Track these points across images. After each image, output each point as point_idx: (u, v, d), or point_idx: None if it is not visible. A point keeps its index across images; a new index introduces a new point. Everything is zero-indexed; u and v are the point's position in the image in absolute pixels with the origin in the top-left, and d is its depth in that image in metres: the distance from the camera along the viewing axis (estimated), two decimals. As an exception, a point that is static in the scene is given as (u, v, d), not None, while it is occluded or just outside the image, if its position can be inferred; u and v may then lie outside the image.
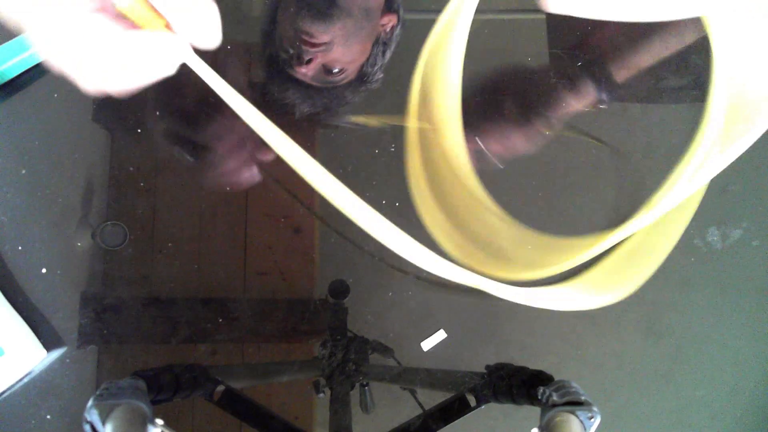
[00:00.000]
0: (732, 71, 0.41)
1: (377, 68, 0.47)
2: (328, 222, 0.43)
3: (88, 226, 0.42)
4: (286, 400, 0.40)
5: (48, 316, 0.40)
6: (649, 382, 0.42)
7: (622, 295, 0.41)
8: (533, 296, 0.40)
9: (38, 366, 0.40)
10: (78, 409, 0.36)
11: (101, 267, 0.42)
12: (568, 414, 0.34)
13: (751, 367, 0.42)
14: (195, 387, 0.40)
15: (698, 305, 0.43)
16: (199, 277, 0.42)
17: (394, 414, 0.40)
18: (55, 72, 0.29)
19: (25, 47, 0.43)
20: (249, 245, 0.42)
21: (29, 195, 0.42)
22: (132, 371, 0.40)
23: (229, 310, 0.41)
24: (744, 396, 0.42)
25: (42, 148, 0.43)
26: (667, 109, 0.47)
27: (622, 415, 0.41)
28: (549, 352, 0.41)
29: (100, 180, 0.43)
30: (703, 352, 0.42)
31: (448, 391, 0.41)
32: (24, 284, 0.41)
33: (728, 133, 0.40)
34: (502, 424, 0.41)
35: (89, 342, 0.40)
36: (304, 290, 0.42)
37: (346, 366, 0.41)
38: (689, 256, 0.44)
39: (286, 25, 0.46)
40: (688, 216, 0.43)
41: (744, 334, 0.42)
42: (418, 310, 0.42)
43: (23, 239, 0.41)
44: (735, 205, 0.45)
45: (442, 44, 0.45)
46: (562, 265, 0.41)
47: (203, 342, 0.41)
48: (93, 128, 0.44)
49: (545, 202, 0.44)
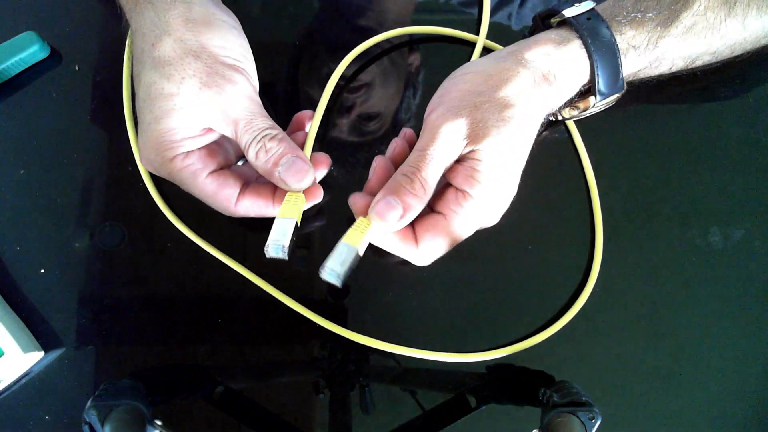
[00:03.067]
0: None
1: (410, 114, 0.46)
2: (328, 222, 0.43)
3: (86, 227, 0.42)
4: (286, 401, 0.40)
5: (46, 316, 0.40)
6: (651, 383, 0.41)
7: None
8: None
9: (36, 366, 0.39)
10: (77, 409, 0.36)
11: (100, 267, 0.41)
12: (569, 415, 0.34)
13: (753, 368, 0.42)
14: (194, 387, 0.40)
15: (700, 305, 0.43)
16: (198, 277, 0.41)
17: (394, 415, 0.40)
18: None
19: (22, 46, 0.43)
20: (248, 245, 0.42)
21: (27, 195, 0.42)
22: (131, 372, 0.40)
23: (229, 311, 0.41)
24: (746, 396, 0.42)
25: (40, 149, 0.43)
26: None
27: (623, 416, 0.41)
28: (550, 353, 0.41)
29: (98, 180, 0.43)
30: (704, 352, 0.42)
31: (448, 392, 0.41)
32: (22, 284, 0.40)
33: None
34: (503, 425, 0.40)
35: (88, 342, 0.40)
36: (304, 290, 0.42)
37: (346, 367, 0.41)
38: (691, 256, 0.43)
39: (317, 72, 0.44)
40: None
41: (746, 335, 0.42)
42: (418, 310, 0.42)
43: (21, 239, 0.41)
44: (737, 205, 0.44)
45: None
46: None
47: (203, 342, 0.41)
48: (92, 128, 0.44)
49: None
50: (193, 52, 0.34)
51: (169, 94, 0.34)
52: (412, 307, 0.42)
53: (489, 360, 0.41)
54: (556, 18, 0.41)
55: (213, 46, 0.35)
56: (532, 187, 0.42)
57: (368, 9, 0.48)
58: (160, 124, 0.34)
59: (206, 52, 0.34)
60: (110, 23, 0.46)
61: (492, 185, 0.35)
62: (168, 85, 0.34)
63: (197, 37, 0.35)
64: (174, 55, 0.34)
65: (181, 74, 0.34)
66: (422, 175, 0.34)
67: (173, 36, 0.34)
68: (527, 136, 0.37)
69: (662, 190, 0.45)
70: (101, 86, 0.44)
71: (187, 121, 0.34)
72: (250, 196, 0.36)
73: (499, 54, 0.39)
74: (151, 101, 0.34)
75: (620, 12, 0.39)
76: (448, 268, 0.42)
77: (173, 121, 0.34)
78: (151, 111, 0.34)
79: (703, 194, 0.45)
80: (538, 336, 0.41)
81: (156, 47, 0.34)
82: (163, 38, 0.34)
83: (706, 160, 0.45)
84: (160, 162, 0.35)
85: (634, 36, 0.38)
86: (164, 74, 0.34)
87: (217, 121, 0.35)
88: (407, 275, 0.42)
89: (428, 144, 0.35)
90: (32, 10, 0.46)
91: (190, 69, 0.34)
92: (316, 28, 0.48)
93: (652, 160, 0.45)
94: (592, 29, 0.38)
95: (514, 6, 0.49)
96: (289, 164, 0.35)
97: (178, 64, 0.34)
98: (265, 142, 0.34)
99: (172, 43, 0.34)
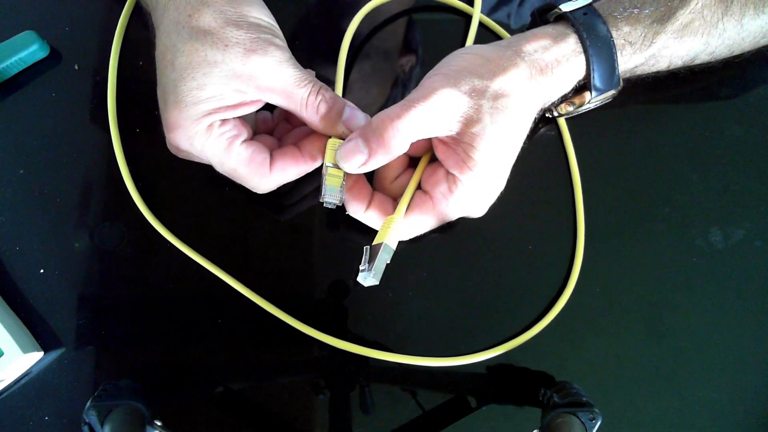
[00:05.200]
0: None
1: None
2: (328, 222, 0.43)
3: (86, 227, 0.42)
4: (286, 401, 0.40)
5: (46, 316, 0.40)
6: (651, 383, 0.41)
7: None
8: None
9: (36, 367, 0.39)
10: (76, 410, 0.36)
11: (100, 267, 0.41)
12: (569, 415, 0.34)
13: (753, 368, 0.42)
14: (194, 387, 0.40)
15: (700, 305, 0.43)
16: (198, 277, 0.41)
17: (394, 415, 0.40)
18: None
19: (22, 46, 0.43)
20: (248, 245, 0.42)
21: (27, 195, 0.42)
22: (130, 372, 0.40)
23: (229, 311, 0.41)
24: (747, 397, 0.42)
25: (40, 148, 0.43)
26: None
27: (623, 416, 0.41)
28: (550, 353, 0.41)
29: (98, 180, 0.43)
30: (705, 352, 0.42)
31: (448, 393, 0.41)
32: (22, 285, 0.40)
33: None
34: (503, 426, 0.40)
35: (87, 343, 0.40)
36: (304, 290, 0.42)
37: (346, 367, 0.41)
38: (691, 256, 0.43)
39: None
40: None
41: (746, 335, 0.42)
42: (418, 310, 0.42)
43: (21, 240, 0.41)
44: (737, 206, 0.44)
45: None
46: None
47: (202, 342, 0.41)
48: (91, 128, 0.44)
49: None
50: (234, 22, 0.34)
51: (213, 62, 0.34)
52: (408, 311, 0.42)
53: (487, 360, 0.41)
54: (553, 12, 0.41)
55: (252, 17, 0.35)
56: (530, 185, 0.43)
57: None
58: (204, 91, 0.34)
59: (246, 22, 0.35)
60: (110, 23, 0.46)
61: (483, 174, 0.35)
62: (212, 52, 0.34)
63: (236, 9, 0.35)
64: (215, 25, 0.34)
65: (224, 42, 0.34)
66: (399, 125, 0.34)
67: (212, 7, 0.35)
68: (521, 127, 0.37)
69: (663, 190, 0.45)
70: (101, 86, 0.44)
71: (230, 89, 0.34)
72: (279, 158, 0.37)
73: (499, 43, 0.40)
74: (192, 69, 0.34)
75: (616, 8, 0.39)
76: (445, 270, 0.42)
77: (217, 89, 0.34)
78: (194, 78, 0.34)
79: (703, 194, 0.45)
80: (534, 329, 0.41)
81: (194, 18, 0.34)
82: (201, 9, 0.35)
83: (706, 160, 0.45)
84: (195, 133, 0.35)
85: (629, 32, 0.38)
86: (206, 42, 0.34)
87: (266, 82, 0.35)
88: (405, 279, 0.42)
89: (419, 99, 0.34)
90: (32, 9, 0.46)
91: (234, 37, 0.34)
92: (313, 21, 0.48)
93: (654, 159, 0.45)
94: (588, 24, 0.38)
95: (513, 6, 0.49)
96: (351, 112, 0.36)
97: (220, 33, 0.34)
98: (324, 93, 0.36)
99: (212, 13, 0.34)
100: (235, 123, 0.36)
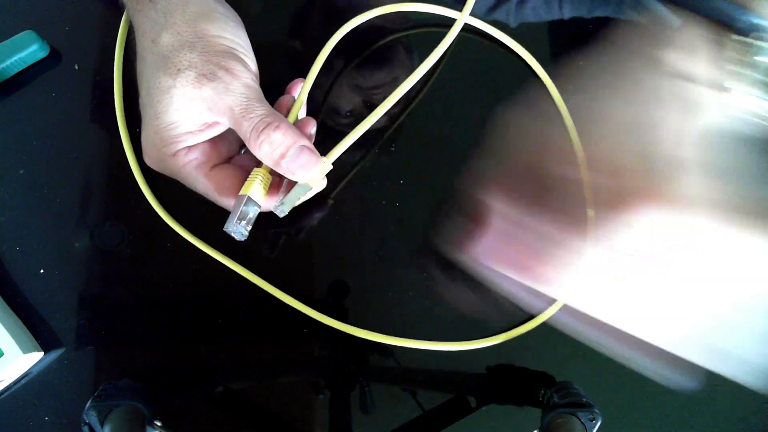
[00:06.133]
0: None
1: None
2: (328, 221, 0.43)
3: (86, 227, 0.42)
4: (286, 401, 0.40)
5: (46, 316, 0.40)
6: (651, 383, 0.41)
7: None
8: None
9: (36, 367, 0.39)
10: (76, 410, 0.36)
11: (99, 267, 0.41)
12: (569, 415, 0.34)
13: (754, 368, 0.42)
14: (194, 387, 0.40)
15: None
16: (198, 277, 0.41)
17: (394, 415, 0.40)
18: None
19: (21, 46, 0.43)
20: (248, 245, 0.42)
21: (27, 195, 0.42)
22: (130, 372, 0.40)
23: (229, 311, 0.41)
24: (746, 396, 0.41)
25: (40, 148, 0.43)
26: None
27: (623, 416, 0.41)
28: (550, 353, 0.41)
29: (98, 180, 0.43)
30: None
31: (448, 392, 0.41)
32: (22, 285, 0.40)
33: None
34: (503, 426, 0.40)
35: (87, 343, 0.40)
36: (304, 290, 0.42)
37: (346, 366, 0.41)
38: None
39: (349, 99, 0.45)
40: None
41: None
42: (418, 310, 0.42)
43: (21, 240, 0.41)
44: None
45: None
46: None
47: (202, 342, 0.41)
48: (91, 128, 0.44)
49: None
50: (188, 44, 0.34)
51: (167, 88, 0.33)
52: (411, 300, 0.42)
53: (487, 346, 0.41)
54: None
55: (209, 35, 0.35)
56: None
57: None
58: (160, 120, 0.34)
59: (202, 42, 0.34)
60: (110, 22, 0.46)
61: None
62: (165, 78, 0.33)
63: (193, 29, 0.34)
64: (171, 49, 0.34)
65: (177, 66, 0.33)
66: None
67: (170, 30, 0.34)
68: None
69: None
70: (101, 86, 0.44)
71: (187, 115, 0.34)
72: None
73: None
74: (151, 97, 0.34)
75: None
76: (445, 269, 0.42)
77: (173, 116, 0.34)
78: (152, 106, 0.34)
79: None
80: (533, 321, 0.41)
81: (156, 43, 0.34)
82: (161, 33, 0.34)
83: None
84: (162, 159, 0.35)
85: None
86: (161, 68, 0.34)
87: (215, 110, 0.34)
88: (405, 279, 0.42)
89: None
90: (31, 9, 0.46)
91: (186, 60, 0.33)
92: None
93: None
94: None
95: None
96: (296, 155, 0.34)
97: (174, 57, 0.33)
98: (269, 132, 0.33)
99: (169, 37, 0.34)
100: (203, 149, 0.35)
